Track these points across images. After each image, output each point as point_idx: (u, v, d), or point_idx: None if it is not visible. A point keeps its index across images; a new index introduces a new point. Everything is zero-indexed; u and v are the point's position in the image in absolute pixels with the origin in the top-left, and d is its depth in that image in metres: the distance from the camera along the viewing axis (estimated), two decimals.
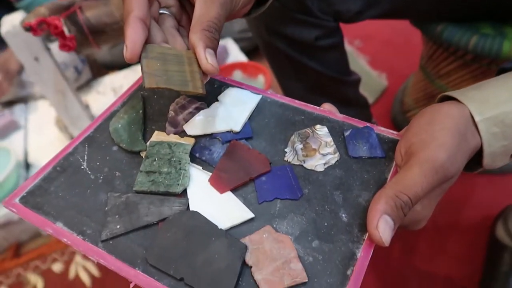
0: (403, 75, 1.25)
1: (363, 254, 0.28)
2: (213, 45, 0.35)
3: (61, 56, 1.26)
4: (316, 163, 0.34)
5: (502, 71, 0.36)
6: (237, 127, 0.37)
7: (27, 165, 1.16)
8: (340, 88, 0.80)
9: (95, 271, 1.00)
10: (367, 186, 0.32)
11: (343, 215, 0.31)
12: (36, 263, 1.05)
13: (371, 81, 1.27)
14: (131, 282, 0.28)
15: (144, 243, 0.30)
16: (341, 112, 0.39)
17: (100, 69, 1.51)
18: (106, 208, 0.32)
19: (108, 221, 0.31)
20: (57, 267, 1.03)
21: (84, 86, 1.40)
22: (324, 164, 0.34)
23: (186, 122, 0.38)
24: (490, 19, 0.73)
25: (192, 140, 0.36)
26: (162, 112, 0.39)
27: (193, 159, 0.35)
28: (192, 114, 0.39)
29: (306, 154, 0.35)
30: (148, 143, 0.36)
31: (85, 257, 1.03)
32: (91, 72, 1.44)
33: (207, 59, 0.33)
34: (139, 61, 0.32)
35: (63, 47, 0.75)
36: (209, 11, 0.35)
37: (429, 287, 0.84)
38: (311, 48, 0.71)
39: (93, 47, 0.83)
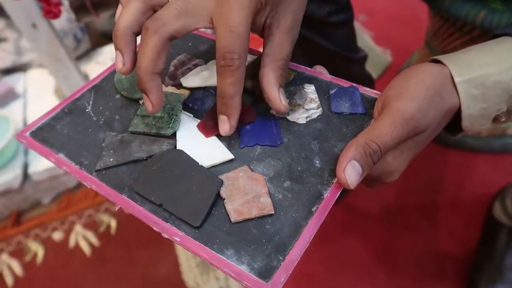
0: (408, 51, 1.24)
1: (329, 195, 0.31)
2: (283, 84, 0.35)
3: (60, 23, 1.24)
4: (299, 116, 0.37)
5: (495, 37, 0.37)
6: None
7: None
8: (347, 66, 0.79)
9: (94, 241, 1.01)
10: (344, 138, 0.35)
11: (317, 161, 0.33)
12: (37, 231, 1.06)
13: (375, 56, 1.25)
14: (116, 205, 0.32)
15: (132, 175, 0.33)
16: None
17: (100, 39, 1.49)
18: (103, 144, 0.36)
19: (103, 155, 0.35)
20: (57, 235, 1.04)
21: (83, 56, 1.39)
22: (306, 117, 0.37)
23: (184, 76, 0.41)
24: None
25: (187, 92, 0.39)
26: (164, 67, 0.42)
27: (187, 108, 0.39)
28: (190, 70, 0.42)
29: (290, 109, 0.37)
30: None
31: (82, 182, 1.04)
32: (90, 42, 1.42)
33: (281, 101, 0.34)
34: None
35: (47, 13, 0.70)
36: (283, 47, 0.34)
37: (425, 263, 0.85)
38: (321, 25, 0.70)
39: (92, 15, 0.81)
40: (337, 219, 0.95)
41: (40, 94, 1.26)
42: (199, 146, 0.34)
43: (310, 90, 0.39)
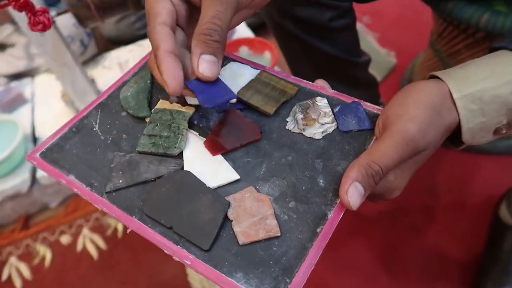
0: (413, 53, 1.23)
1: (333, 215, 0.31)
2: (212, 49, 0.34)
3: (67, 29, 1.25)
4: (315, 131, 0.37)
5: (492, 50, 0.37)
6: (233, 99, 0.39)
7: (35, 139, 1.17)
8: (350, 70, 0.80)
9: (102, 244, 1.02)
10: (346, 156, 0.35)
11: (321, 180, 0.34)
12: (45, 235, 1.07)
13: (380, 59, 1.25)
14: (128, 228, 0.33)
15: (141, 196, 0.34)
16: (349, 93, 0.40)
17: (106, 43, 1.50)
18: (112, 165, 0.36)
19: (113, 176, 0.36)
20: (65, 239, 1.05)
21: (90, 61, 1.40)
22: (322, 132, 0.37)
23: None
24: None
25: (192, 109, 0.40)
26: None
27: (192, 126, 0.39)
28: None
29: (306, 123, 0.38)
30: (153, 110, 0.40)
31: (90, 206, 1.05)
32: (96, 47, 1.43)
33: (199, 67, 0.34)
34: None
35: (34, 25, 0.53)
36: (206, 12, 0.34)
37: (430, 266, 0.85)
38: (323, 30, 0.70)
39: (96, 20, 0.82)
40: (343, 222, 0.94)
41: (47, 98, 1.27)
42: (206, 166, 0.35)
43: (322, 103, 0.39)
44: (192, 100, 0.40)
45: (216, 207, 0.32)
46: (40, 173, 1.07)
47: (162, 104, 0.40)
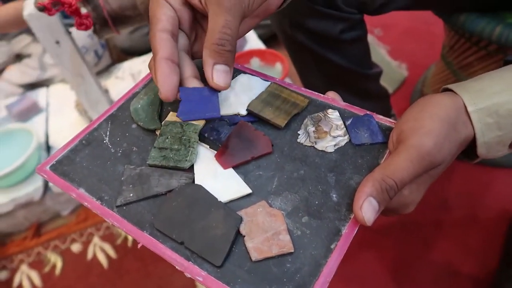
0: (424, 66, 1.23)
1: (347, 231, 0.31)
2: (225, 59, 0.34)
3: (82, 40, 1.28)
4: (327, 145, 0.37)
5: (506, 63, 0.37)
6: (243, 111, 0.40)
7: (48, 148, 1.19)
8: (361, 82, 0.80)
9: (112, 253, 1.02)
10: (359, 170, 0.34)
11: (334, 195, 0.33)
12: (56, 243, 1.08)
13: (391, 71, 1.25)
14: (139, 243, 0.32)
15: (152, 210, 0.34)
16: (360, 105, 0.40)
17: (120, 54, 1.52)
18: (122, 178, 0.36)
19: (123, 190, 0.35)
20: (75, 247, 1.06)
21: (103, 71, 1.42)
22: (334, 145, 0.37)
23: None
24: None
25: (203, 122, 0.39)
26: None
27: (202, 138, 0.38)
28: None
29: (317, 136, 0.37)
30: (163, 122, 0.39)
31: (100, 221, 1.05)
32: (110, 57, 1.46)
33: (213, 78, 0.34)
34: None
35: (79, 26, 0.76)
36: (216, 22, 0.34)
37: (443, 281, 0.83)
38: (334, 42, 0.70)
39: (112, 31, 0.83)
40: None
41: (61, 108, 1.30)
42: (217, 180, 0.35)
43: (334, 116, 0.39)
44: None
45: (228, 222, 0.31)
46: None
47: (172, 116, 0.40)
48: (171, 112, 0.40)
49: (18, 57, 1.44)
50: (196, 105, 0.36)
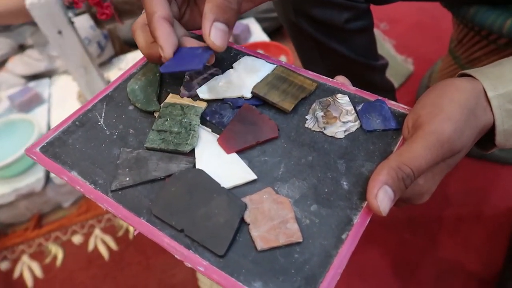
0: (430, 60, 1.21)
1: (359, 221, 0.29)
2: (227, 17, 0.33)
3: (85, 31, 1.27)
4: (337, 130, 0.35)
5: None
6: (248, 94, 0.38)
7: None
8: (367, 73, 0.78)
9: (113, 245, 1.02)
10: (371, 157, 0.33)
11: (344, 183, 0.31)
12: (57, 234, 1.08)
13: (397, 65, 1.24)
14: (135, 230, 0.30)
15: (150, 196, 0.32)
16: None
17: (123, 45, 1.51)
18: (118, 162, 0.34)
19: (119, 173, 0.33)
20: (77, 239, 1.06)
21: (106, 63, 1.42)
22: (344, 131, 0.35)
23: (200, 86, 0.39)
24: None
25: (204, 104, 0.38)
26: (178, 76, 0.41)
27: (204, 122, 0.37)
28: (206, 79, 0.40)
29: (326, 122, 0.36)
30: (162, 104, 0.38)
31: (99, 206, 1.04)
32: (113, 49, 1.45)
33: (210, 35, 0.32)
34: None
35: (101, 15, 0.82)
36: None
37: (446, 279, 0.82)
38: (340, 31, 0.69)
39: (116, 21, 0.82)
40: None
41: (64, 99, 1.29)
42: (219, 165, 0.33)
43: (344, 101, 0.37)
44: (204, 94, 0.38)
45: (232, 209, 0.29)
46: None
47: (172, 98, 0.38)
48: (171, 94, 0.39)
49: (21, 48, 1.43)
50: (181, 60, 0.33)
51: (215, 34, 0.32)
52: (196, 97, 0.39)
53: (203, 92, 0.38)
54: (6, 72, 1.39)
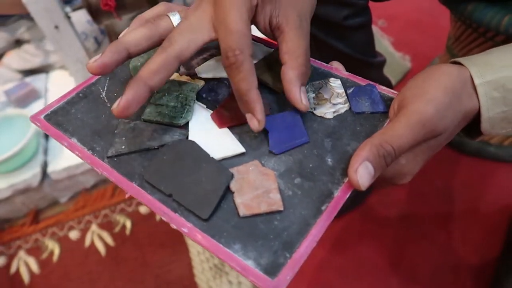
0: (428, 57, 1.22)
1: (339, 194, 0.30)
2: (306, 81, 0.34)
3: (81, 26, 1.26)
4: (326, 111, 0.36)
5: None
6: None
7: (46, 134, 1.18)
8: (364, 70, 0.78)
9: (110, 241, 1.02)
10: (357, 137, 0.34)
11: (329, 159, 0.33)
12: (54, 230, 1.08)
13: (395, 62, 1.24)
14: (127, 193, 0.32)
15: (143, 163, 0.33)
16: None
17: None
18: (116, 131, 0.36)
19: (116, 142, 0.35)
20: (73, 234, 1.06)
21: None
22: (334, 112, 0.36)
23: (199, 65, 0.41)
24: None
25: (202, 82, 0.39)
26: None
27: (200, 99, 0.38)
28: (205, 60, 0.42)
29: (317, 103, 0.37)
30: None
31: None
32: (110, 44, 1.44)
33: (301, 100, 0.33)
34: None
35: (105, 5, 0.84)
36: (301, 45, 0.33)
37: (442, 274, 0.83)
38: (338, 28, 0.69)
39: (113, 17, 0.82)
40: (353, 226, 0.93)
41: (60, 94, 1.28)
42: (211, 138, 0.34)
43: (336, 84, 0.38)
44: (202, 73, 0.40)
45: (219, 177, 0.31)
46: (51, 168, 1.08)
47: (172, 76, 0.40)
48: None
49: (18, 43, 1.42)
50: (282, 133, 0.34)
51: (305, 99, 0.33)
52: (194, 76, 0.40)
53: (202, 71, 0.40)
54: (2, 67, 1.38)
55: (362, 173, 0.29)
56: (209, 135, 0.35)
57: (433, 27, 1.37)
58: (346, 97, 0.37)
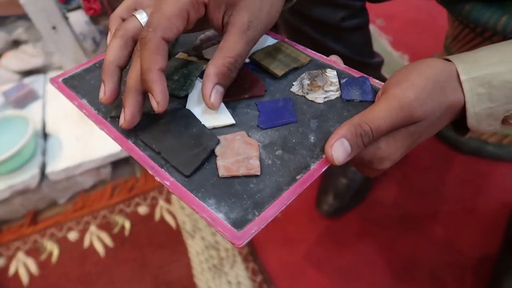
0: (426, 56, 1.21)
1: (316, 167, 0.32)
2: (226, 82, 0.35)
3: (79, 27, 1.26)
4: (318, 96, 0.38)
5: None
6: (246, 59, 0.42)
7: (45, 135, 1.18)
8: (362, 71, 0.78)
9: (108, 241, 1.02)
10: (343, 121, 0.35)
11: (312, 137, 0.34)
12: (52, 231, 1.07)
13: (393, 62, 1.24)
14: (122, 147, 0.35)
15: (140, 125, 0.36)
16: None
17: None
18: (121, 97, 0.38)
19: (119, 105, 0.37)
20: (72, 235, 1.06)
21: None
22: (324, 98, 0.38)
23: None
24: None
25: (206, 63, 0.42)
26: (190, 41, 0.48)
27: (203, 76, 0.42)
28: (213, 44, 0.46)
29: (310, 89, 0.39)
30: (172, 58, 0.43)
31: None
32: None
33: (211, 97, 0.34)
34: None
35: (88, 10, 0.84)
36: (235, 48, 0.34)
37: (442, 273, 0.83)
38: (335, 30, 0.69)
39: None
40: (352, 226, 0.93)
41: (58, 95, 1.28)
42: (206, 109, 0.37)
43: (331, 74, 0.40)
44: (208, 55, 0.44)
45: (206, 141, 0.34)
46: (49, 169, 1.08)
47: (181, 55, 0.44)
48: (180, 52, 0.45)
49: (16, 44, 1.42)
50: (271, 114, 0.37)
51: (214, 97, 0.34)
52: (201, 58, 0.44)
53: (208, 53, 0.45)
54: (0, 68, 1.38)
55: (337, 148, 0.31)
56: (204, 106, 0.37)
57: (431, 26, 1.37)
58: (339, 86, 0.39)
